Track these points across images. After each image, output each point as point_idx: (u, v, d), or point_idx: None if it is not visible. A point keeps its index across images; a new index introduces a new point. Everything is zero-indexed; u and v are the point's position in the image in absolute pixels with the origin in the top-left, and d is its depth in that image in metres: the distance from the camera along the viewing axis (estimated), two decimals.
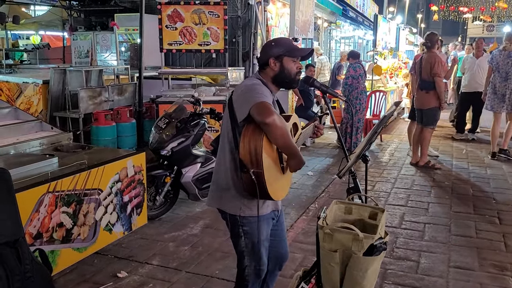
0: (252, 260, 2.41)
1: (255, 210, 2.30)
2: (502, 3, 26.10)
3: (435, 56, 6.36)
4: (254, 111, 2.11)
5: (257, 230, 2.35)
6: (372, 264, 2.13)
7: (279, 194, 2.30)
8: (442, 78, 6.36)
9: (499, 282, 3.44)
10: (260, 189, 2.15)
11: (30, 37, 15.78)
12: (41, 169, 3.19)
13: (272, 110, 2.10)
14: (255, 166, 2.11)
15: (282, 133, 2.11)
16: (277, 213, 2.53)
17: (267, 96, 2.20)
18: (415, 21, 37.52)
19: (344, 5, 14.90)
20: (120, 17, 9.36)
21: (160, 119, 4.63)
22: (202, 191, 4.62)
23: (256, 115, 2.10)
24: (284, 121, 2.17)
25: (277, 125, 2.08)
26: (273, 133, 2.09)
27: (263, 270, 2.45)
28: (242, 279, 2.47)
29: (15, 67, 10.27)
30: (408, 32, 20.29)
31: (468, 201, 5.26)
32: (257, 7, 7.76)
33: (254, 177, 2.12)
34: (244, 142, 2.14)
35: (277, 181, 2.25)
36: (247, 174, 2.14)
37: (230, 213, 2.36)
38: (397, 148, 8.06)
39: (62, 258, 3.17)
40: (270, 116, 2.06)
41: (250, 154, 2.12)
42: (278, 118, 2.10)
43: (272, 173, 2.20)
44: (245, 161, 2.14)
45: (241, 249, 2.41)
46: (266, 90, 2.29)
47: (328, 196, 5.37)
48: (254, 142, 2.12)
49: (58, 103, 6.30)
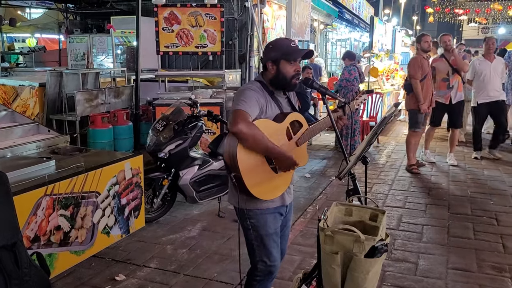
0: (263, 254, 2.45)
1: (259, 204, 2.38)
2: (497, 5, 26.26)
3: (413, 59, 6.40)
4: (230, 117, 2.24)
5: (265, 223, 2.41)
6: (373, 266, 2.12)
7: (270, 193, 2.37)
8: (417, 80, 6.27)
9: (498, 284, 3.44)
10: (242, 189, 2.28)
11: (26, 40, 15.75)
12: (38, 172, 3.16)
13: (241, 119, 2.17)
14: (234, 170, 2.24)
15: (253, 140, 2.19)
16: (285, 209, 2.55)
17: (251, 101, 2.26)
18: (411, 23, 37.69)
19: (340, 7, 14.94)
20: (116, 19, 9.34)
21: (158, 122, 4.61)
22: (200, 194, 4.61)
23: (228, 123, 2.24)
24: (254, 126, 2.20)
25: (244, 133, 2.16)
26: (242, 141, 2.19)
27: (275, 266, 2.48)
28: (253, 275, 2.50)
29: (11, 70, 10.22)
30: (404, 34, 20.37)
31: (465, 203, 5.26)
32: (254, 10, 7.75)
33: (234, 180, 2.26)
34: (226, 147, 2.28)
35: (266, 181, 2.32)
36: (230, 176, 2.29)
37: (238, 207, 2.43)
38: (394, 150, 8.07)
39: (60, 262, 3.15)
40: (235, 125, 2.15)
41: (229, 158, 2.25)
42: (247, 125, 2.16)
43: (257, 174, 2.28)
44: (227, 164, 2.29)
45: (251, 242, 2.47)
46: (257, 93, 2.33)
47: (326, 198, 5.36)
48: (232, 147, 2.23)
49: (55, 106, 6.28)
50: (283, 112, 2.42)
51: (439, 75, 6.63)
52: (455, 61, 6.54)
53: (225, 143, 2.28)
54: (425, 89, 6.33)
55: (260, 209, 2.39)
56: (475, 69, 7.16)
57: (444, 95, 6.62)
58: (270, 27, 9.51)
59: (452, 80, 6.60)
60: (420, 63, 6.35)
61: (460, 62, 6.54)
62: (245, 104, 2.23)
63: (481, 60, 7.19)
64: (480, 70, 7.09)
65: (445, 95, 6.62)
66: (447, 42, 6.58)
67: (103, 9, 10.04)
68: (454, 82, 6.60)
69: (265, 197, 2.34)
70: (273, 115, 2.37)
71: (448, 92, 6.61)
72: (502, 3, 27.99)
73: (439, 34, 7.39)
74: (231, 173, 2.26)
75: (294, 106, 2.54)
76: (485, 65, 7.10)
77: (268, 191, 2.35)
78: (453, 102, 6.66)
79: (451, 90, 6.61)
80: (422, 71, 6.32)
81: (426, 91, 6.33)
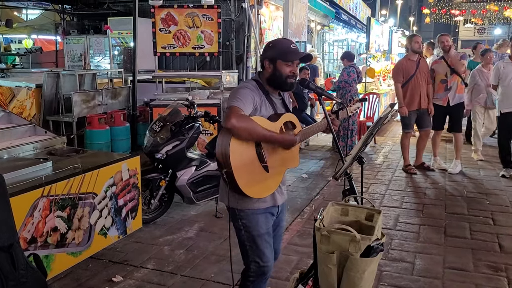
0: (255, 255, 2.45)
1: (251, 204, 2.38)
2: (493, 5, 26.36)
3: (397, 62, 6.43)
4: (224, 115, 2.25)
5: (256, 223, 2.41)
6: (369, 265, 2.13)
7: (260, 192, 2.37)
8: (397, 83, 6.36)
9: (494, 283, 3.45)
10: (233, 187, 2.27)
11: (22, 41, 15.71)
12: (35, 173, 3.16)
13: (234, 114, 2.19)
14: (226, 166, 2.24)
15: (248, 131, 2.21)
16: (277, 209, 2.54)
17: (245, 99, 2.28)
18: (407, 24, 37.75)
19: (337, 8, 14.99)
20: (113, 20, 9.34)
21: (155, 123, 4.62)
22: (197, 194, 4.61)
23: (222, 120, 2.26)
24: (246, 117, 2.23)
25: (237, 127, 2.17)
26: (238, 135, 2.20)
27: (268, 267, 2.48)
28: (247, 276, 2.49)
29: (7, 71, 10.20)
30: (401, 35, 20.42)
31: (462, 202, 5.28)
32: (251, 10, 7.77)
33: (225, 176, 2.25)
34: (218, 144, 2.28)
35: (257, 180, 2.33)
36: (221, 173, 2.28)
37: (230, 207, 2.43)
38: (391, 150, 8.09)
39: (57, 263, 3.15)
40: (228, 121, 2.17)
41: (221, 155, 2.25)
42: (239, 118, 2.18)
43: (248, 172, 2.28)
44: (219, 161, 2.29)
45: (243, 243, 2.46)
46: (252, 91, 2.34)
47: (323, 198, 5.37)
48: (224, 144, 2.24)
49: (51, 107, 6.26)
50: (277, 113, 2.43)
51: (437, 77, 6.50)
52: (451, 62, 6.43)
53: (218, 140, 2.29)
54: (410, 92, 6.33)
55: (251, 209, 2.39)
56: (499, 72, 6.31)
57: (441, 97, 6.49)
58: (267, 28, 9.54)
59: (450, 81, 6.42)
60: (402, 66, 6.40)
61: (456, 63, 6.40)
62: (240, 102, 2.25)
63: (507, 62, 6.30)
64: (505, 74, 6.24)
65: (442, 97, 6.49)
66: (445, 42, 6.47)
67: (100, 10, 10.02)
68: (452, 83, 6.42)
69: (255, 195, 2.34)
70: (267, 115, 2.38)
71: (445, 94, 6.45)
72: (498, 4, 28.11)
73: (435, 35, 7.33)
74: (222, 170, 2.26)
75: (288, 108, 2.54)
76: (510, 68, 6.23)
77: (258, 190, 2.35)
78: (451, 104, 6.44)
79: (449, 92, 6.43)
80: (406, 74, 6.33)
81: (411, 94, 6.33)
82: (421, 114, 6.47)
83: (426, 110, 6.46)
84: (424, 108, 6.42)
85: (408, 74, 6.31)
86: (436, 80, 6.51)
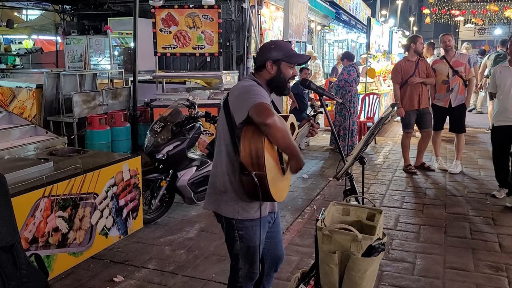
0: (246, 263, 2.42)
1: (253, 213, 2.30)
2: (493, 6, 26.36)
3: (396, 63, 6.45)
4: (253, 112, 2.08)
5: (254, 235, 2.34)
6: (370, 265, 2.14)
7: (281, 195, 2.28)
8: (395, 84, 6.39)
9: (494, 283, 3.46)
10: (263, 191, 2.11)
11: (22, 41, 15.71)
12: (36, 173, 3.17)
13: (272, 111, 2.08)
14: (257, 169, 2.07)
15: (283, 134, 2.08)
16: (273, 215, 2.52)
17: (265, 97, 2.20)
18: (408, 24, 37.77)
19: (337, 9, 15.00)
20: (114, 21, 9.33)
21: (155, 123, 4.62)
22: (198, 195, 4.61)
23: (256, 117, 2.07)
24: (284, 121, 2.17)
25: (278, 126, 2.05)
26: (274, 134, 2.06)
27: (256, 273, 2.46)
28: (235, 281, 2.48)
29: (7, 72, 10.19)
30: (401, 35, 20.42)
31: (462, 202, 5.28)
32: (251, 11, 7.77)
33: (256, 179, 2.07)
34: (245, 145, 2.10)
35: (278, 182, 2.23)
36: (249, 177, 2.09)
37: (226, 217, 2.35)
38: (391, 151, 8.09)
39: (58, 263, 3.15)
40: (270, 117, 2.04)
41: (251, 156, 2.08)
42: (279, 119, 2.08)
43: (274, 174, 2.18)
44: (246, 163, 2.09)
45: (236, 252, 2.41)
46: (264, 91, 2.28)
47: (324, 199, 5.37)
48: (255, 144, 2.08)
49: (52, 107, 6.26)
50: (283, 114, 2.37)
51: (439, 77, 6.44)
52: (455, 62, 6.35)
53: (243, 140, 2.11)
54: (409, 92, 6.33)
55: (251, 219, 2.31)
56: (494, 79, 5.33)
57: (443, 98, 6.43)
58: (268, 28, 9.52)
59: (452, 82, 6.34)
60: (400, 67, 6.42)
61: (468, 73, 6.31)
62: (264, 99, 2.15)
63: (505, 66, 5.29)
64: (500, 80, 5.21)
65: (444, 98, 6.43)
66: (447, 42, 6.39)
67: (100, 11, 10.01)
68: (454, 84, 6.34)
69: (279, 198, 2.24)
70: None
71: (447, 95, 6.39)
72: (498, 4, 28.10)
73: (436, 35, 7.38)
74: (251, 173, 2.08)
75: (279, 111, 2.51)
76: (507, 73, 5.18)
77: (280, 193, 2.25)
78: (453, 105, 6.37)
79: (450, 93, 6.35)
80: (404, 74, 6.34)
81: (410, 94, 6.33)
82: (421, 114, 6.47)
83: (426, 110, 6.47)
84: (424, 108, 6.43)
85: (407, 75, 6.32)
86: (437, 80, 6.48)
